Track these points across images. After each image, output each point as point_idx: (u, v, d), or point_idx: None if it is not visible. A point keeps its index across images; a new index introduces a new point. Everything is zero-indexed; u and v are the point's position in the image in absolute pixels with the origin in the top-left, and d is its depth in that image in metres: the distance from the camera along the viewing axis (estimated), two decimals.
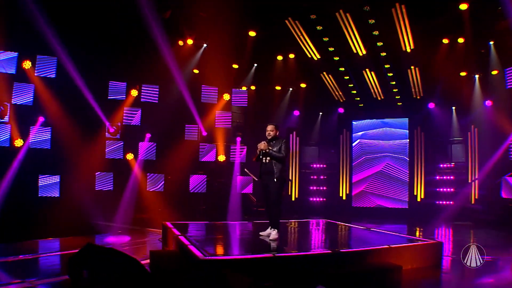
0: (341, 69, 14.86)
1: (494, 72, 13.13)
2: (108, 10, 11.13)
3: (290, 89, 16.42)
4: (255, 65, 14.95)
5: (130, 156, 13.12)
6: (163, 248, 8.20)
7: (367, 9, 11.68)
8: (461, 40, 12.53)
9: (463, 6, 11.05)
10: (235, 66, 14.61)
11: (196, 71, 13.88)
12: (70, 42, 11.05)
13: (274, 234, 6.87)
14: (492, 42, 12.67)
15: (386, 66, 14.12)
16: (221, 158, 14.17)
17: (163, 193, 13.28)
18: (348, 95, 16.08)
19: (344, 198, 16.45)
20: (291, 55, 14.61)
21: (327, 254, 6.10)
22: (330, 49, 13.81)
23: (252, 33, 13.12)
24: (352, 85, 15.47)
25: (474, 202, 14.06)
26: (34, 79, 11.31)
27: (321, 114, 17.08)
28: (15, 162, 10.98)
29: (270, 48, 14.14)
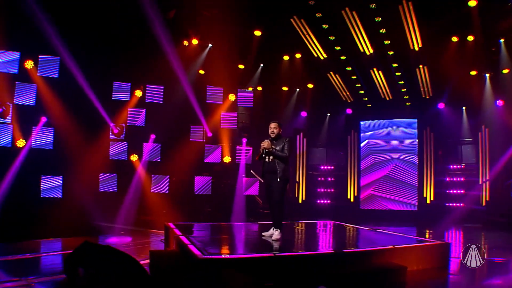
0: (348, 68, 14.70)
1: (505, 70, 12.91)
2: (112, 10, 11.11)
3: (297, 89, 16.26)
4: (261, 65, 14.82)
5: (134, 157, 13.04)
6: (165, 249, 8.09)
7: (374, 6, 11.51)
8: (470, 38, 12.30)
9: (472, 3, 10.93)
10: (241, 66, 14.49)
11: (202, 72, 13.81)
12: (74, 42, 11.01)
13: (277, 235, 6.75)
14: (502, 40, 12.41)
15: (394, 65, 13.91)
16: (226, 159, 14.02)
17: (168, 194, 13.16)
18: (356, 95, 15.90)
19: (352, 200, 16.27)
20: (298, 55, 14.47)
21: (329, 254, 5.99)
22: (336, 48, 13.66)
23: (257, 32, 13.05)
24: (359, 85, 15.29)
25: (485, 204, 13.81)
26: (36, 79, 11.26)
27: (329, 115, 16.90)
28: (17, 162, 10.92)
29: (276, 47, 14.02)
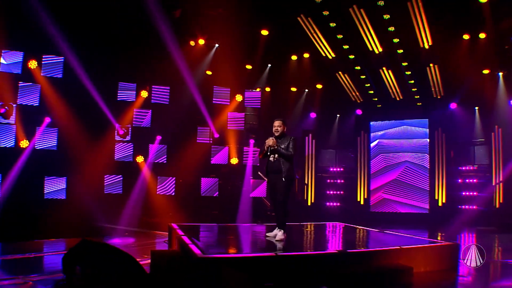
0: (357, 68, 14.45)
1: None
2: (116, 10, 11.06)
3: (306, 90, 16.05)
4: (269, 65, 14.65)
5: (140, 158, 12.94)
6: (168, 249, 7.98)
7: (382, 3, 11.26)
8: (482, 35, 11.97)
9: None
10: (249, 66, 14.35)
11: (209, 73, 13.68)
12: (78, 42, 11.02)
13: (281, 235, 6.59)
14: None
15: (403, 64, 13.62)
16: (233, 161, 13.87)
17: (174, 196, 13.03)
18: (365, 96, 15.65)
19: (362, 203, 15.98)
20: (306, 55, 14.25)
21: (332, 254, 5.82)
22: (344, 47, 13.40)
23: (264, 32, 12.90)
24: (369, 84, 15.02)
25: (498, 206, 13.47)
26: (40, 79, 11.25)
27: (338, 116, 16.66)
28: (21, 163, 10.87)
29: (283, 47, 13.85)
